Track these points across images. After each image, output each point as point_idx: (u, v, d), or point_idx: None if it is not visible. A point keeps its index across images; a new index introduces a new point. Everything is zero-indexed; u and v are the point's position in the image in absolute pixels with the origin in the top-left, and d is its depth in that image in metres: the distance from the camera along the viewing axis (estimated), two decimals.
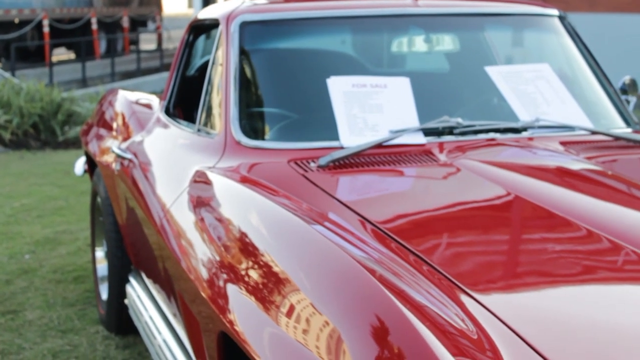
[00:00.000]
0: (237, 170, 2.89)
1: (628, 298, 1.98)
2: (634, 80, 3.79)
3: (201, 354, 2.52)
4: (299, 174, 2.78)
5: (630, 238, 2.19)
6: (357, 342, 1.68)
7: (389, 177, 2.85)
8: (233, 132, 3.04)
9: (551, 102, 3.25)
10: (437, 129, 3.05)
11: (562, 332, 1.78)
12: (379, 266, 1.95)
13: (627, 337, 1.77)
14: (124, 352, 4.18)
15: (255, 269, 2.18)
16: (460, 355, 1.58)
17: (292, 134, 3.09)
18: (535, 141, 3.09)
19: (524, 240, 2.37)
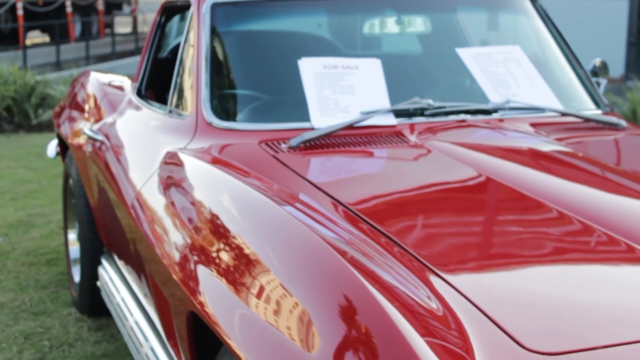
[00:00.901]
0: (208, 151, 2.89)
1: (596, 278, 2.00)
2: (605, 62, 3.81)
3: (172, 336, 2.52)
4: (270, 155, 2.78)
5: (600, 219, 2.21)
6: (325, 322, 1.69)
7: (359, 158, 2.86)
8: (204, 113, 3.04)
9: (521, 83, 3.26)
10: (408, 110, 3.06)
11: (529, 311, 1.79)
12: (349, 247, 1.96)
13: (593, 315, 1.79)
14: (96, 334, 4.18)
15: (226, 250, 2.18)
16: (428, 335, 1.59)
17: (263, 115, 3.09)
18: (505, 122, 3.11)
19: (495, 222, 2.38)
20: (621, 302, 1.86)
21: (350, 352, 1.61)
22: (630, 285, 1.95)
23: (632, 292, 1.91)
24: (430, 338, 1.59)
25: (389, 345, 1.57)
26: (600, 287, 1.94)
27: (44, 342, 4.07)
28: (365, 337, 1.61)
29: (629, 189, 2.54)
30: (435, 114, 3.08)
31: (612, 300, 1.86)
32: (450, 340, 1.62)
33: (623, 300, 1.86)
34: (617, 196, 2.48)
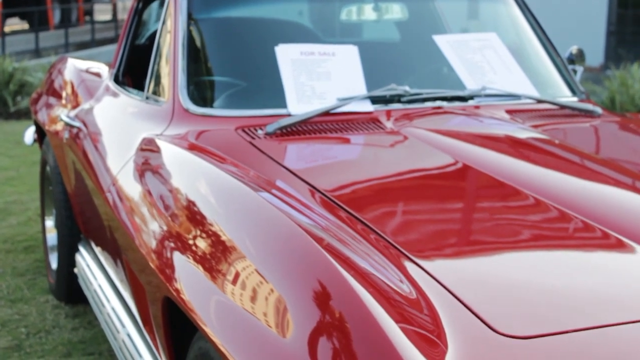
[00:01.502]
0: (185, 137, 2.88)
1: (570, 263, 2.01)
2: (581, 50, 3.83)
3: (148, 322, 2.52)
4: (246, 141, 2.77)
5: (574, 205, 2.22)
6: (299, 307, 1.69)
7: (336, 144, 2.86)
8: (181, 99, 3.03)
9: (498, 71, 3.27)
10: (385, 97, 3.07)
11: (503, 296, 1.80)
12: (325, 233, 1.96)
13: (566, 299, 1.80)
14: (73, 320, 4.17)
15: (202, 237, 2.18)
16: (402, 321, 1.60)
17: (240, 101, 3.09)
18: (481, 109, 3.12)
19: (471, 208, 2.39)
20: (594, 286, 1.87)
21: (324, 338, 1.61)
22: (603, 270, 1.97)
23: (604, 277, 1.92)
24: (404, 324, 1.59)
25: (363, 331, 1.57)
26: (574, 272, 1.95)
27: (21, 329, 4.06)
28: (339, 322, 1.61)
29: (604, 175, 2.56)
30: (412, 101, 3.09)
31: (584, 285, 1.88)
32: (423, 326, 1.62)
33: (596, 285, 1.88)
34: (592, 183, 2.49)
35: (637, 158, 2.92)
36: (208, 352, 1.97)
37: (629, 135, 3.26)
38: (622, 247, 2.04)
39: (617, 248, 2.05)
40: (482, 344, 1.60)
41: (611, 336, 1.65)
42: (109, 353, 3.76)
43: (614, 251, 2.07)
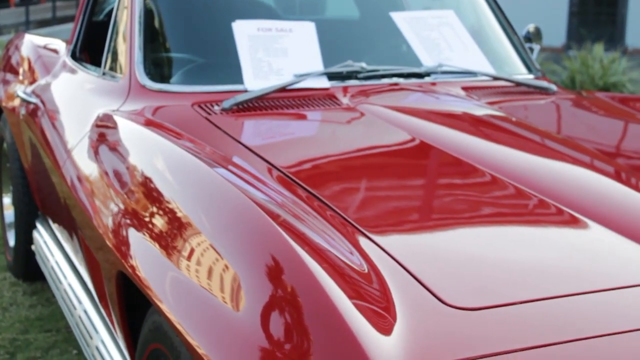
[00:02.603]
0: (141, 113, 2.87)
1: (522, 238, 2.04)
2: (539, 28, 3.85)
3: (103, 298, 2.52)
4: (203, 117, 2.77)
5: (529, 181, 2.24)
6: (252, 282, 1.70)
7: (292, 120, 2.86)
8: (137, 75, 3.02)
9: (454, 48, 3.29)
10: (341, 73, 3.08)
11: (454, 270, 1.83)
12: (281, 209, 1.96)
13: (515, 273, 1.82)
14: (31, 298, 4.15)
15: (157, 213, 2.17)
16: (354, 295, 1.61)
17: (196, 77, 3.08)
18: (437, 86, 3.13)
19: (427, 185, 2.41)
20: (543, 260, 1.90)
21: (276, 312, 1.62)
22: (553, 244, 1.99)
23: (554, 251, 1.95)
24: (355, 297, 1.60)
25: (314, 304, 1.58)
26: (525, 246, 1.98)
27: None
28: (291, 296, 1.62)
29: (559, 152, 2.58)
30: (368, 77, 3.10)
31: (534, 258, 1.90)
32: (374, 299, 1.64)
33: (545, 259, 1.90)
34: (546, 159, 2.51)
35: (590, 134, 2.96)
36: (161, 326, 1.98)
37: (583, 112, 3.30)
38: (575, 223, 2.06)
39: (570, 223, 2.08)
40: (431, 316, 1.62)
41: (556, 307, 1.67)
42: (67, 330, 3.76)
43: (566, 226, 2.10)
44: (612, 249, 1.95)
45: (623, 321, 1.64)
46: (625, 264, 1.89)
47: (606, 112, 3.33)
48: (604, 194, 2.19)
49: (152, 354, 2.07)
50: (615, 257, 1.92)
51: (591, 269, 1.87)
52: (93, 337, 2.73)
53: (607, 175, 2.37)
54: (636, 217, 2.06)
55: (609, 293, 1.74)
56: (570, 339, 1.57)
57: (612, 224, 2.03)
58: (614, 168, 2.49)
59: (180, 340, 1.79)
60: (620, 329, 1.61)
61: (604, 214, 2.07)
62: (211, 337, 1.69)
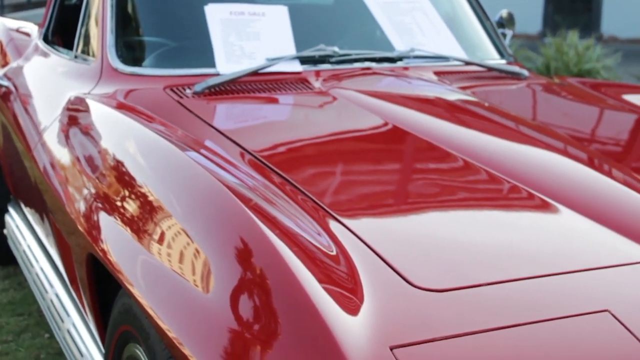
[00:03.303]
0: (113, 96, 2.87)
1: (491, 221, 2.05)
2: (511, 14, 3.86)
3: (74, 281, 2.52)
4: (174, 101, 2.77)
5: (500, 165, 2.26)
6: (222, 265, 1.70)
7: (264, 104, 2.86)
8: (109, 58, 3.01)
9: (427, 33, 3.30)
10: (314, 57, 3.08)
11: (423, 253, 1.84)
12: (252, 193, 1.96)
13: (483, 255, 1.84)
14: (3, 282, 4.14)
15: (129, 196, 2.17)
16: (323, 278, 1.62)
17: (169, 60, 3.07)
18: (410, 71, 3.14)
19: (398, 169, 2.42)
20: (512, 242, 1.91)
21: (245, 294, 1.63)
22: (522, 227, 2.01)
23: (523, 234, 1.97)
24: (323, 280, 1.61)
25: (282, 286, 1.59)
26: (494, 229, 1.99)
27: None
28: (260, 278, 1.63)
29: (530, 137, 2.59)
30: (341, 62, 3.10)
31: (503, 241, 1.92)
32: (342, 281, 1.65)
33: (514, 241, 1.92)
34: (517, 144, 2.53)
35: (561, 119, 2.98)
36: (131, 308, 1.98)
37: (554, 97, 3.31)
38: (545, 207, 2.08)
39: (540, 207, 2.10)
40: (398, 297, 1.63)
41: (523, 289, 1.69)
42: (39, 313, 3.75)
43: (536, 210, 2.11)
44: (580, 233, 1.97)
45: (589, 302, 1.66)
46: (594, 247, 1.91)
47: (577, 97, 3.35)
48: (574, 178, 2.20)
49: (122, 335, 2.08)
50: (584, 240, 1.94)
51: (559, 252, 1.89)
52: (64, 320, 2.73)
53: (578, 160, 2.38)
54: (605, 202, 2.07)
55: (576, 275, 1.76)
56: (536, 320, 1.59)
57: (582, 208, 2.05)
58: (584, 153, 2.51)
59: (150, 322, 1.79)
60: (586, 310, 1.63)
61: (574, 199, 2.09)
62: (181, 320, 1.69)
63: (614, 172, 2.33)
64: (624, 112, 3.11)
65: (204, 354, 1.59)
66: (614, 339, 1.58)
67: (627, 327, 1.59)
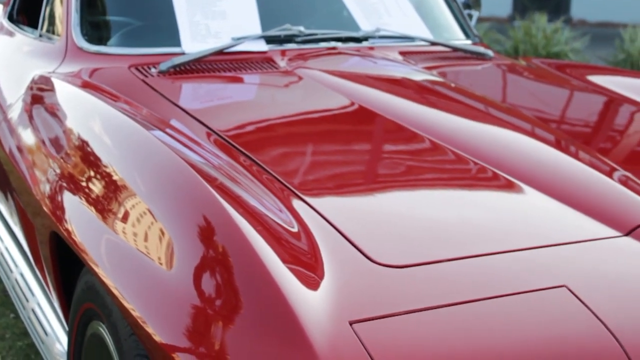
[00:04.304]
0: (78, 75, 2.86)
1: (453, 199, 2.07)
2: None
3: (39, 261, 2.52)
4: (139, 80, 2.76)
5: (464, 144, 2.27)
6: (185, 243, 1.71)
7: (230, 84, 2.86)
8: (74, 37, 3.00)
9: (393, 13, 3.31)
10: (279, 37, 3.08)
11: (385, 230, 1.86)
12: (217, 172, 1.97)
13: (442, 231, 1.86)
14: None
15: (93, 176, 2.17)
16: (285, 255, 1.63)
17: (134, 39, 3.06)
18: (375, 51, 3.15)
19: (364, 148, 2.43)
20: (472, 220, 1.94)
21: (208, 271, 1.64)
22: (484, 205, 2.04)
23: (485, 212, 1.99)
24: (285, 258, 1.62)
25: (244, 264, 1.60)
26: (456, 207, 2.01)
27: None
28: (222, 256, 1.64)
29: (495, 117, 2.62)
30: (306, 41, 3.11)
31: (464, 219, 1.94)
32: (303, 258, 1.66)
33: (475, 219, 1.94)
34: (482, 124, 2.54)
35: (525, 99, 3.00)
36: (94, 286, 1.98)
37: (519, 77, 3.34)
38: (508, 186, 2.10)
39: (503, 187, 2.12)
40: (358, 273, 1.64)
41: (482, 265, 1.71)
42: (4, 293, 3.73)
43: (499, 189, 2.14)
44: (542, 210, 1.99)
45: (547, 278, 1.68)
46: (554, 224, 1.93)
47: (542, 78, 3.37)
48: (538, 158, 2.22)
49: (85, 313, 2.08)
50: (545, 217, 1.97)
51: (520, 229, 1.91)
52: (29, 299, 2.72)
53: (542, 140, 2.40)
54: (567, 180, 2.10)
55: (535, 251, 1.78)
56: (494, 296, 1.61)
57: (545, 187, 2.07)
58: (548, 133, 2.53)
59: (113, 300, 1.80)
60: (544, 285, 1.65)
61: (537, 178, 2.11)
62: (144, 299, 1.70)
63: (576, 152, 2.36)
64: (587, 93, 3.14)
65: (166, 331, 1.60)
66: (571, 314, 1.60)
67: (584, 302, 1.62)
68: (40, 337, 2.57)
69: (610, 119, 2.93)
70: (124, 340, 1.80)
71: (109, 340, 1.91)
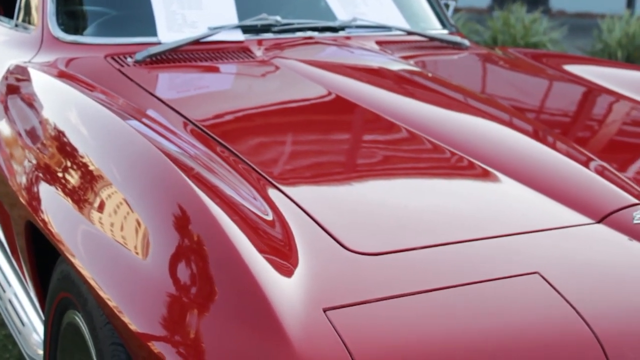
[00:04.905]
0: (54, 65, 2.85)
1: (428, 187, 2.09)
2: None
3: (15, 251, 2.51)
4: (115, 69, 2.76)
5: (440, 134, 2.28)
6: (160, 232, 1.71)
7: (206, 73, 2.86)
8: (50, 27, 2.99)
9: (369, 2, 3.31)
10: (256, 26, 3.08)
11: (360, 218, 1.87)
12: (193, 162, 1.97)
13: (416, 219, 1.88)
14: None
15: (70, 166, 2.16)
16: (260, 244, 1.63)
17: (110, 29, 3.06)
18: (352, 40, 3.16)
19: (341, 138, 2.44)
20: (446, 208, 1.95)
21: (183, 260, 1.64)
22: (459, 194, 2.05)
23: (458, 200, 2.00)
24: (260, 246, 1.63)
25: (219, 252, 1.61)
26: (430, 196, 2.03)
27: None
28: (197, 245, 1.64)
29: (471, 106, 2.63)
30: (283, 31, 3.11)
31: (438, 207, 1.95)
32: (277, 246, 1.67)
33: (448, 207, 1.95)
34: (458, 113, 2.55)
35: (500, 89, 3.02)
36: (69, 275, 1.98)
37: (495, 67, 3.35)
38: (484, 175, 2.11)
39: (479, 175, 2.13)
40: (332, 260, 1.65)
41: (455, 252, 1.72)
42: None
43: (474, 178, 2.15)
44: (516, 199, 2.00)
45: (520, 265, 1.70)
46: (528, 212, 1.95)
47: (517, 67, 3.39)
48: (513, 146, 2.24)
49: (61, 302, 2.08)
50: (519, 205, 1.98)
51: (494, 217, 1.93)
52: (6, 290, 2.72)
53: (517, 129, 2.42)
54: (541, 168, 2.11)
55: (509, 238, 1.80)
56: (467, 282, 1.62)
57: (520, 175, 2.08)
58: (524, 122, 2.54)
59: (89, 290, 1.80)
60: (516, 272, 1.67)
61: (513, 166, 2.12)
62: (120, 289, 1.70)
63: (551, 140, 2.37)
64: (562, 82, 3.16)
65: (141, 320, 1.60)
66: (543, 300, 1.61)
67: (556, 289, 1.63)
68: (17, 328, 2.57)
69: (585, 108, 2.95)
70: (99, 329, 1.80)
71: (84, 329, 1.91)
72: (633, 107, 2.84)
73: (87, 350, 1.91)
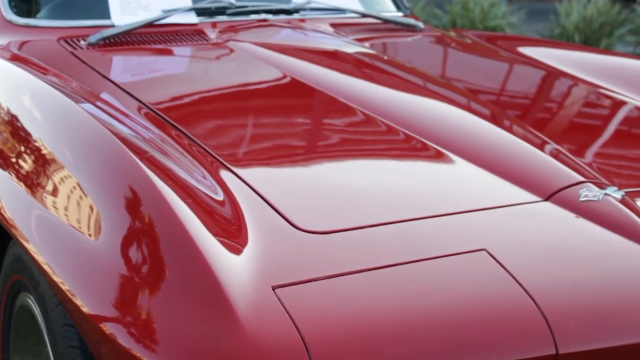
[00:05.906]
0: (7, 48, 2.83)
1: (380, 167, 2.12)
2: None
3: None
4: (68, 52, 2.74)
5: (393, 115, 2.30)
6: (112, 214, 1.71)
7: (160, 56, 2.86)
8: (2, 10, 2.96)
9: None
10: (210, 9, 3.08)
11: (310, 198, 1.89)
12: (147, 145, 1.97)
13: (367, 198, 1.90)
14: None
15: (23, 150, 2.15)
16: (210, 224, 1.64)
17: (63, 12, 3.04)
18: (306, 23, 3.16)
19: (296, 121, 2.45)
20: (398, 187, 1.97)
21: (134, 241, 1.65)
22: (411, 173, 2.08)
23: (410, 180, 2.03)
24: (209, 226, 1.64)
25: (170, 234, 1.62)
26: (382, 175, 2.05)
27: None
28: (148, 227, 1.65)
29: (425, 88, 2.65)
30: (237, 13, 3.11)
31: (389, 186, 1.98)
32: (227, 226, 1.68)
33: (400, 187, 1.98)
34: (412, 95, 2.58)
35: (454, 71, 3.04)
36: (21, 257, 1.98)
37: (449, 49, 3.38)
38: (435, 155, 2.13)
39: (430, 156, 2.15)
40: (282, 239, 1.67)
41: (403, 230, 1.74)
42: None
43: (426, 158, 2.17)
44: (466, 178, 2.03)
45: (467, 242, 1.72)
46: (477, 191, 1.97)
47: (471, 49, 3.41)
48: (465, 127, 2.26)
49: (14, 285, 2.08)
50: (469, 184, 2.00)
51: (443, 195, 1.95)
52: None
53: (470, 111, 2.44)
54: (492, 148, 2.13)
55: (456, 216, 1.82)
56: (414, 260, 1.64)
57: (471, 155, 2.10)
58: (476, 103, 2.57)
59: (39, 271, 1.80)
60: (463, 249, 1.69)
61: (464, 147, 2.14)
62: (72, 271, 1.70)
63: (502, 120, 2.40)
64: (516, 64, 3.19)
65: (93, 302, 1.61)
66: (490, 276, 1.64)
67: (503, 265, 1.65)
68: None
69: (537, 89, 2.98)
70: (51, 311, 1.81)
71: (36, 312, 1.91)
72: (584, 89, 2.88)
73: (39, 333, 1.91)
